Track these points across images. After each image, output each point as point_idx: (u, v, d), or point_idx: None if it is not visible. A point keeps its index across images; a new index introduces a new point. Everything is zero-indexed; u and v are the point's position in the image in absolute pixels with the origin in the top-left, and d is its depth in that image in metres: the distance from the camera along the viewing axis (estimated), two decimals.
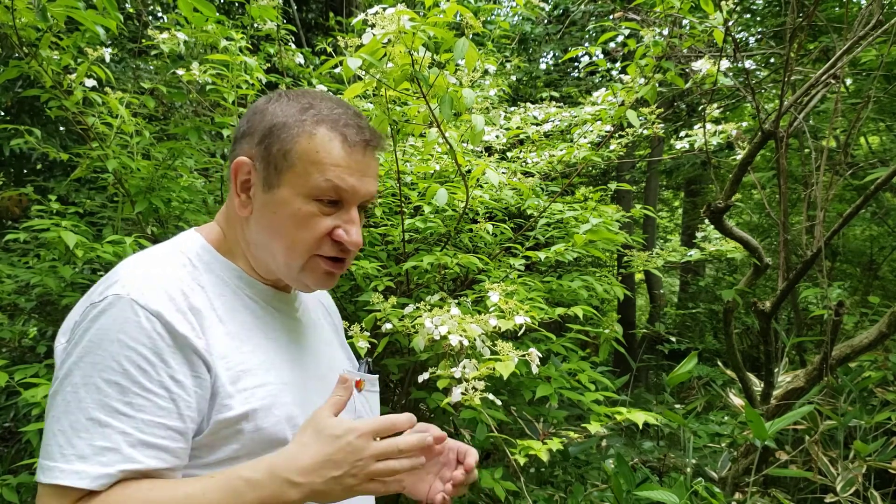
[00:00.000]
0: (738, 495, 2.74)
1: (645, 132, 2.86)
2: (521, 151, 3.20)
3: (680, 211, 10.27)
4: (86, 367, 0.79)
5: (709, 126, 2.90)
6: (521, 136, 3.26)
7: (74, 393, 0.78)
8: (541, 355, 1.65)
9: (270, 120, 0.92)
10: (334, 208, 0.91)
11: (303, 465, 0.80)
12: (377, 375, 1.11)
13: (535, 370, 1.65)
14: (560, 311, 2.22)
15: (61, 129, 4.51)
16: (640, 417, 1.82)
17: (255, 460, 0.83)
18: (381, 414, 0.93)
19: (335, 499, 0.82)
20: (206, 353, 0.85)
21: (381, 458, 0.82)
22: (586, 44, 6.41)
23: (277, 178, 0.90)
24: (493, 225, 2.55)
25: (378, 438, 0.83)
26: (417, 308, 1.92)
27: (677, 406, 4.52)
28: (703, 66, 2.53)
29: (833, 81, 2.76)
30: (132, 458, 0.77)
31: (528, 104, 3.39)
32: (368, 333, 1.88)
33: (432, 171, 2.63)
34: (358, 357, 1.50)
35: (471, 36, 1.78)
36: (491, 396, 1.65)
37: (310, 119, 0.90)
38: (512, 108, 3.46)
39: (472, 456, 1.01)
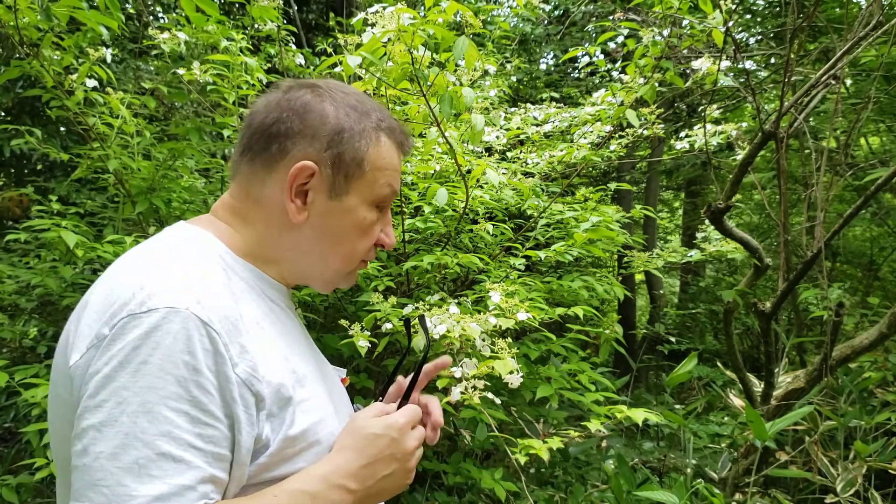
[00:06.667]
0: (738, 496, 2.74)
1: (645, 132, 2.86)
2: (521, 152, 3.21)
3: (680, 211, 10.27)
4: (143, 392, 0.68)
5: (709, 126, 2.90)
6: (522, 137, 3.26)
7: (134, 423, 0.67)
8: (517, 366, 1.64)
9: (335, 124, 0.86)
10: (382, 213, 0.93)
11: (352, 471, 0.79)
12: (345, 370, 1.12)
13: (515, 381, 1.62)
14: (560, 311, 2.22)
15: (62, 129, 4.52)
16: (639, 415, 1.82)
17: (303, 472, 0.78)
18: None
19: (388, 496, 0.83)
20: (259, 375, 0.76)
21: (420, 447, 0.86)
22: (586, 44, 6.42)
23: (346, 184, 0.87)
24: (493, 225, 2.55)
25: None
26: (417, 308, 1.92)
27: (677, 407, 4.52)
28: (702, 64, 2.54)
29: (833, 82, 2.77)
30: (205, 494, 0.70)
31: (529, 105, 3.40)
32: (369, 333, 1.88)
33: (432, 171, 2.64)
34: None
35: (471, 35, 1.79)
36: (490, 395, 1.65)
37: (371, 126, 0.89)
38: (512, 109, 3.47)
39: (438, 412, 0.98)
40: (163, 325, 0.70)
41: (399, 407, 0.88)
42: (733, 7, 2.32)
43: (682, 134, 3.09)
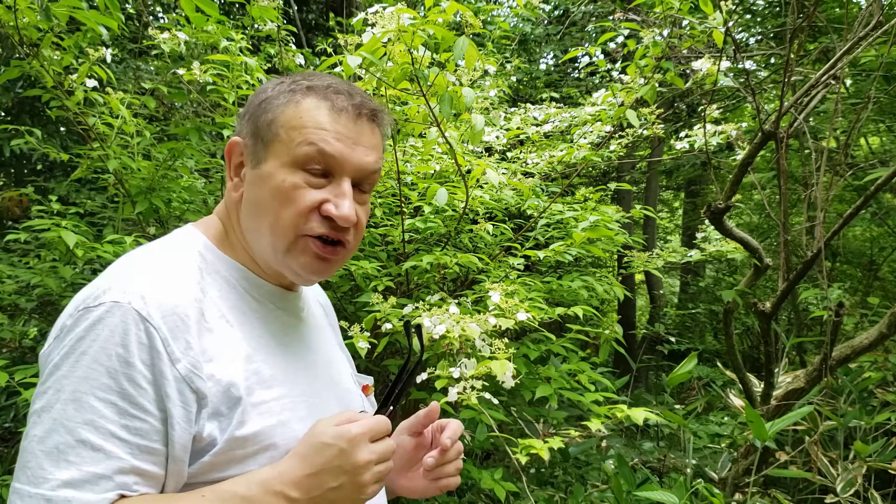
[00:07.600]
0: (738, 496, 2.74)
1: (645, 132, 2.86)
2: (521, 152, 3.21)
3: (680, 212, 10.28)
4: (77, 382, 0.70)
5: (709, 126, 2.90)
6: (521, 137, 3.26)
7: (63, 410, 0.70)
8: (513, 366, 1.64)
9: (261, 96, 0.87)
10: (325, 181, 0.83)
11: (296, 478, 0.75)
12: (372, 377, 1.10)
13: (509, 381, 1.61)
14: (560, 311, 2.22)
15: (62, 129, 4.52)
16: (640, 415, 1.82)
17: (243, 476, 0.76)
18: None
19: None
20: (204, 373, 0.76)
21: (380, 461, 0.79)
22: (586, 44, 6.42)
23: (264, 151, 0.84)
24: (493, 225, 2.55)
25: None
26: (416, 308, 1.92)
27: (677, 407, 4.51)
28: (703, 65, 2.54)
29: (833, 82, 2.77)
30: (125, 485, 0.70)
31: (528, 105, 3.40)
32: (368, 334, 1.88)
33: (432, 172, 2.64)
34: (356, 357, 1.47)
35: (471, 35, 1.79)
36: (488, 396, 1.64)
37: (299, 90, 0.85)
38: (512, 109, 3.47)
39: (450, 430, 0.94)
40: (105, 318, 0.72)
41: (376, 415, 0.84)
42: (733, 7, 2.32)
43: (682, 134, 3.09)
